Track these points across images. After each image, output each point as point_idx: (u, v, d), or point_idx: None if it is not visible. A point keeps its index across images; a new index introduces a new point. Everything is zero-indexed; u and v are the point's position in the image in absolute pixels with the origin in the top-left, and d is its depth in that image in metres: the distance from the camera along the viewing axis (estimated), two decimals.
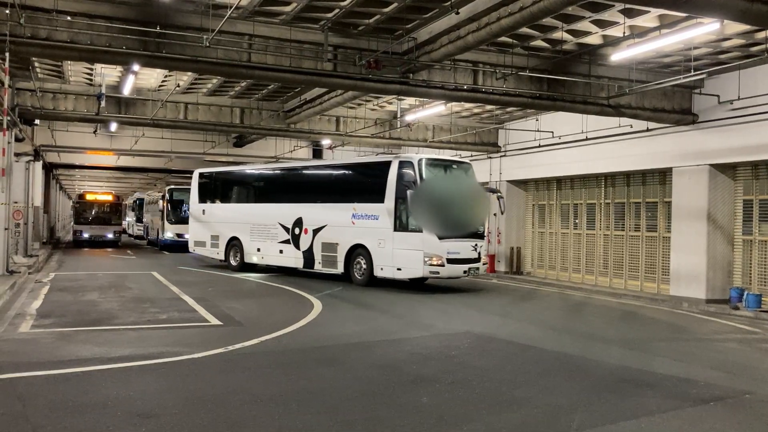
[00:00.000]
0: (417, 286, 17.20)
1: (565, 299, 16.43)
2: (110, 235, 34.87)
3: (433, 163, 16.85)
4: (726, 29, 12.47)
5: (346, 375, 7.66)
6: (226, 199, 23.45)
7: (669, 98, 16.06)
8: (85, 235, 34.36)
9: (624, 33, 12.51)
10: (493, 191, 18.46)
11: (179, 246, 31.93)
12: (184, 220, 32.19)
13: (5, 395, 6.51)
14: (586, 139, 19.07)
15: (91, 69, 18.17)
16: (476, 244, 16.59)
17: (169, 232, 31.75)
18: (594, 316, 13.70)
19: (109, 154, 30.42)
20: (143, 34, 12.31)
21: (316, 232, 18.68)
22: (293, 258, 19.49)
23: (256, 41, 13.11)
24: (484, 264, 17.17)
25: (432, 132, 23.74)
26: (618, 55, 12.78)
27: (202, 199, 23.61)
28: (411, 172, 16.11)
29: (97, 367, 7.70)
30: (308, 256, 18.94)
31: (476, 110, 22.15)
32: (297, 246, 19.32)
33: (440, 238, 15.80)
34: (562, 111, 17.07)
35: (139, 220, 44.08)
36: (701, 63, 14.64)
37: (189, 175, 43.79)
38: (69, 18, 11.98)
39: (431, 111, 19.52)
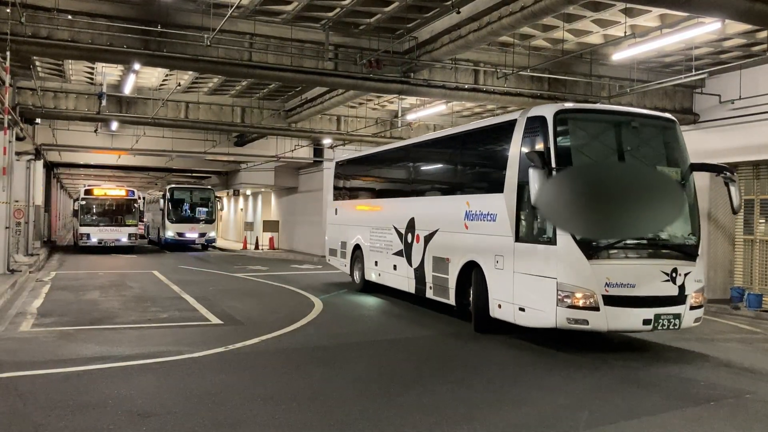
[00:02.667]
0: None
1: None
2: (124, 239, 29.04)
3: (585, 116, 9.55)
4: (727, 29, 12.46)
5: (346, 374, 7.66)
6: (355, 194, 17.56)
7: (670, 98, 16.06)
8: (93, 240, 28.49)
9: (625, 32, 12.50)
10: (718, 170, 9.89)
11: (180, 245, 31.99)
12: (185, 219, 32.32)
13: (6, 394, 6.52)
14: None
15: (92, 68, 18.18)
16: (675, 271, 8.90)
17: (170, 231, 31.78)
18: None
19: (110, 153, 30.43)
20: (144, 33, 12.33)
21: (427, 240, 12.50)
22: (405, 277, 13.43)
23: (257, 40, 13.12)
24: (694, 308, 9.18)
25: (433, 132, 23.76)
26: (619, 55, 12.78)
27: (336, 194, 18.24)
28: (541, 137, 9.14)
29: (97, 366, 7.71)
30: (419, 275, 12.76)
31: (477, 109, 22.14)
32: (409, 260, 13.24)
33: (590, 255, 8.63)
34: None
35: (139, 219, 44.14)
36: (702, 62, 14.64)
37: (190, 175, 44.23)
38: (70, 17, 12.00)
39: (432, 110, 19.52)
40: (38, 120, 22.50)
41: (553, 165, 8.69)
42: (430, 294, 12.34)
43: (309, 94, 19.95)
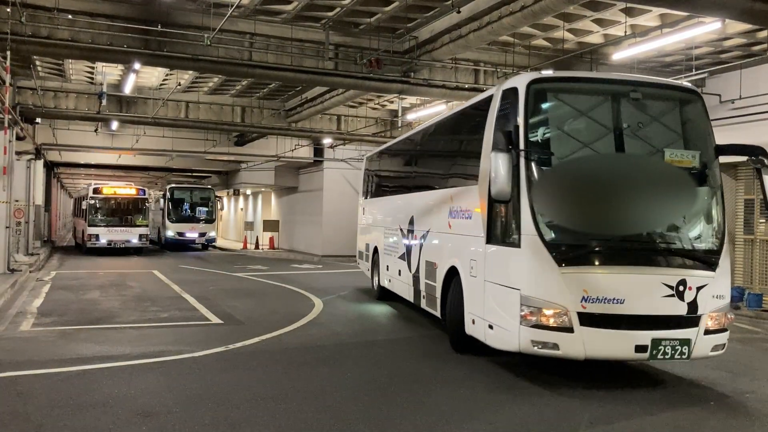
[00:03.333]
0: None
1: None
2: (134, 240, 27.63)
3: (570, 87, 7.75)
4: (727, 28, 12.47)
5: (347, 374, 7.66)
6: (375, 191, 15.56)
7: None
8: (103, 241, 27.03)
9: (625, 32, 12.51)
10: (748, 152, 7.69)
11: (180, 245, 32.00)
12: (185, 219, 32.32)
13: (6, 393, 6.52)
14: None
15: (93, 67, 18.19)
16: (683, 283, 6.95)
17: (170, 231, 31.80)
18: None
19: (110, 152, 30.44)
20: (144, 32, 12.34)
21: (422, 241, 10.93)
22: (406, 284, 11.84)
23: (257, 40, 13.13)
24: (712, 332, 7.15)
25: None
26: (619, 55, 12.79)
27: (365, 191, 16.47)
28: (512, 114, 7.43)
29: (98, 365, 7.71)
30: (416, 281, 11.22)
31: None
32: (409, 264, 11.65)
33: (562, 260, 6.87)
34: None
35: None
36: (702, 62, 14.65)
37: (190, 174, 44.26)
38: (70, 16, 12.01)
39: (432, 110, 19.52)
40: (38, 119, 22.52)
41: (521, 147, 7.02)
42: (423, 304, 10.79)
43: (309, 94, 19.95)
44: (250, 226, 37.98)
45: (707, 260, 7.17)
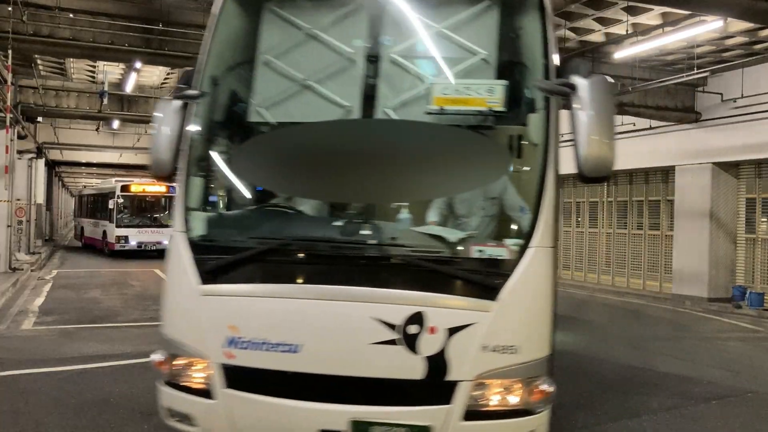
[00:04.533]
0: None
1: (567, 297, 16.42)
2: (166, 241, 26.11)
3: None
4: (729, 27, 12.45)
5: None
6: None
7: (672, 96, 16.04)
8: (132, 243, 24.38)
9: (627, 31, 12.50)
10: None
11: None
12: None
13: (8, 392, 6.52)
14: None
15: (94, 66, 18.21)
16: (417, 320, 3.48)
17: None
18: (597, 314, 13.69)
19: (111, 151, 30.42)
20: (146, 31, 12.34)
21: None
22: None
23: None
24: (484, 418, 3.62)
25: None
26: (621, 53, 12.77)
27: None
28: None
29: (99, 364, 7.70)
30: None
31: None
32: None
33: (204, 276, 3.76)
34: (565, 109, 17.05)
35: None
36: (704, 61, 14.63)
37: None
38: (71, 15, 12.02)
39: None
40: (40, 118, 22.52)
41: (194, 92, 4.12)
42: None
43: None
44: None
45: (479, 279, 3.73)
